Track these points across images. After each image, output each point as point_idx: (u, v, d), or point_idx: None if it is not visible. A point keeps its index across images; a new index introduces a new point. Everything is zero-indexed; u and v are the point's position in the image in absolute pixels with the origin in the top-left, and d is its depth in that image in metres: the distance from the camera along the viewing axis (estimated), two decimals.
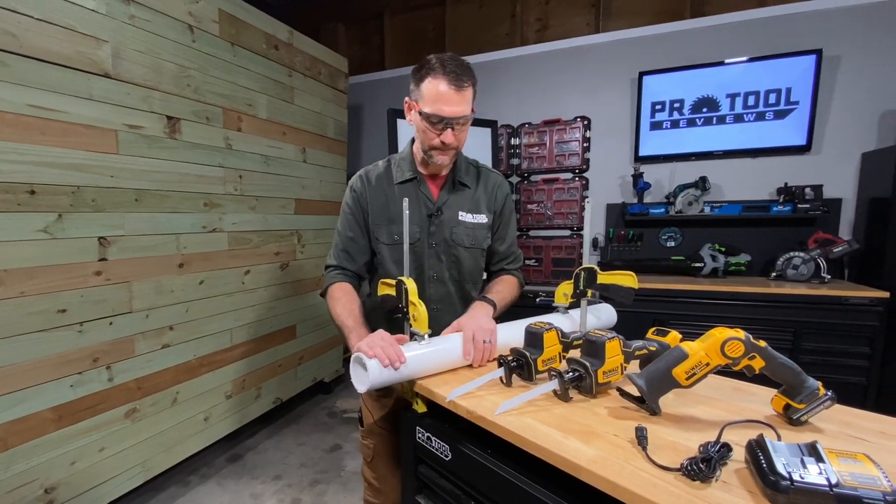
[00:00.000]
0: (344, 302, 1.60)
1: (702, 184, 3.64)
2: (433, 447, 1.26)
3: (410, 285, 1.38)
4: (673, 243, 3.96)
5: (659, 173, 4.00)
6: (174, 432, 2.79)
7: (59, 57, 2.13)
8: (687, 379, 1.06)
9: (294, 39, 3.62)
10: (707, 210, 3.70)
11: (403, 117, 3.60)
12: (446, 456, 1.22)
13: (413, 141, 1.76)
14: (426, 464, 1.34)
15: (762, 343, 1.06)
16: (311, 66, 3.81)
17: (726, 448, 0.88)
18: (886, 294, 2.93)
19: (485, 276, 1.90)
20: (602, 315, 1.73)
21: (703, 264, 3.55)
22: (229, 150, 3.06)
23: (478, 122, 4.12)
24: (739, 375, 1.14)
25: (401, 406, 1.74)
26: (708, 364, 1.05)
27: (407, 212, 1.42)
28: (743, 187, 3.79)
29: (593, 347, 1.19)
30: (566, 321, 1.60)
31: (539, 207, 4.46)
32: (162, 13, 2.60)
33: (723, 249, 3.59)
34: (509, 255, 1.88)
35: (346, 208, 1.75)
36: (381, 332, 1.34)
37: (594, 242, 4.23)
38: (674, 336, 1.27)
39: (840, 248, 3.29)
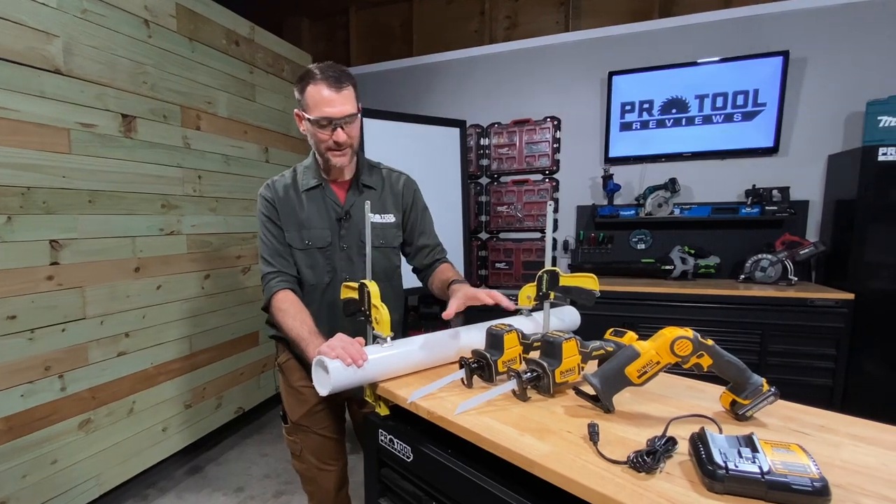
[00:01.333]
0: (293, 313, 1.65)
1: (671, 185, 3.77)
2: (395, 449, 1.33)
3: (373, 288, 1.45)
4: (643, 245, 4.09)
5: (629, 175, 4.12)
6: (131, 444, 2.80)
7: (7, 52, 2.15)
8: (639, 377, 1.14)
9: (255, 35, 3.66)
10: (677, 212, 3.83)
11: (370, 116, 3.66)
12: (408, 457, 1.29)
13: None
14: (389, 466, 1.41)
15: (709, 342, 1.14)
16: (273, 63, 3.85)
17: (671, 442, 0.96)
18: (851, 295, 3.08)
19: (417, 274, 2.05)
20: (565, 317, 1.81)
21: (672, 267, 3.68)
22: (188, 149, 3.08)
23: (446, 122, 4.20)
24: (695, 375, 1.23)
25: (323, 405, 1.87)
26: (658, 362, 1.14)
27: (370, 214, 1.49)
28: (712, 189, 3.93)
29: (551, 348, 1.27)
30: (529, 323, 1.68)
31: (509, 209, 4.56)
32: (116, 7, 2.62)
33: (692, 252, 3.73)
34: (437, 246, 2.00)
35: (262, 217, 1.81)
36: (339, 335, 1.41)
37: (565, 245, 4.34)
38: (630, 336, 1.36)
39: (807, 251, 3.43)
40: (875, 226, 3.14)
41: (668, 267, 3.70)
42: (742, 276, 3.59)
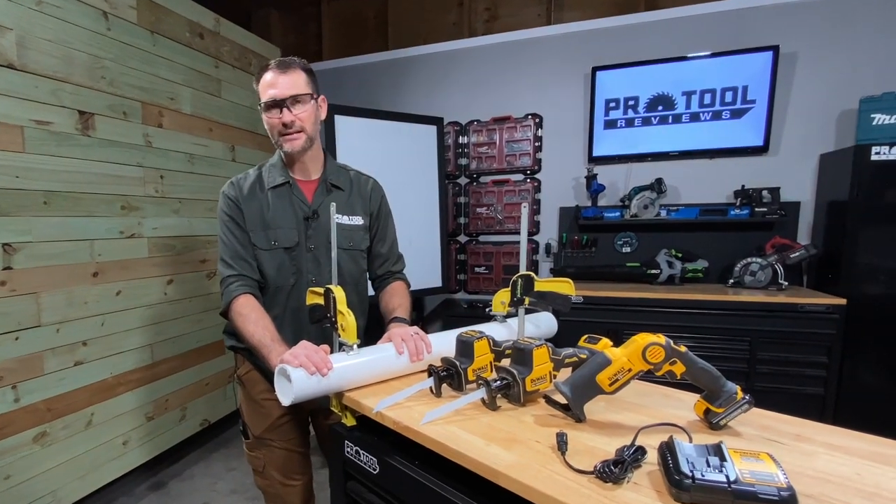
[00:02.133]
0: (255, 318, 1.66)
1: (657, 186, 3.80)
2: (361, 461, 1.35)
3: (339, 294, 1.47)
4: (629, 249, 4.13)
5: (614, 175, 4.15)
6: (89, 458, 2.79)
7: None
8: (610, 385, 1.17)
9: (221, 27, 3.67)
10: (663, 214, 3.87)
11: (343, 112, 3.66)
12: (374, 469, 1.32)
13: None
14: (355, 479, 1.43)
15: (682, 348, 1.18)
16: (240, 57, 3.86)
17: (640, 451, 0.99)
18: (843, 301, 3.12)
19: (370, 282, 2.10)
20: (541, 324, 1.84)
21: (659, 271, 3.74)
22: (149, 147, 3.09)
23: (422, 120, 4.21)
24: (672, 383, 1.26)
25: (287, 418, 1.89)
26: (630, 370, 1.17)
27: (336, 215, 1.52)
28: (700, 190, 3.97)
29: (521, 355, 1.30)
30: (504, 330, 1.71)
31: (489, 211, 4.58)
32: None
33: (679, 255, 3.78)
34: (392, 256, 2.05)
35: (224, 216, 1.82)
36: (303, 342, 1.43)
37: (547, 248, 4.37)
38: (604, 343, 1.39)
39: (797, 254, 3.47)
40: (868, 228, 3.17)
41: (654, 271, 3.76)
42: (731, 281, 3.63)
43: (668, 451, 0.96)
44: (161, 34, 3.14)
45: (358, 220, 1.92)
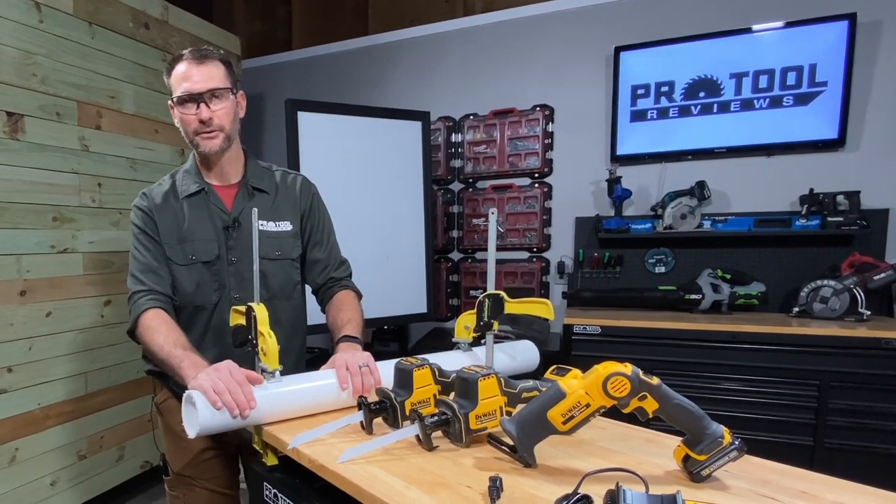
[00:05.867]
0: (164, 331, 1.73)
1: (699, 191, 3.74)
2: None
3: (260, 313, 1.52)
4: (662, 268, 4.05)
5: (643, 177, 4.09)
6: (11, 500, 2.84)
7: None
8: (564, 423, 1.17)
9: (170, 15, 3.77)
10: (707, 225, 3.79)
11: (307, 109, 3.74)
12: None
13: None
14: None
15: (654, 380, 1.18)
16: (191, 48, 3.91)
17: (585, 501, 0.99)
18: None
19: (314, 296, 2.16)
20: (518, 354, 1.84)
21: (700, 296, 3.64)
22: (86, 152, 3.18)
23: (404, 115, 4.23)
24: (659, 425, 1.26)
25: (211, 453, 1.94)
26: (588, 405, 1.17)
27: (258, 222, 1.57)
28: (754, 195, 3.87)
29: (465, 387, 1.32)
30: (468, 361, 1.72)
31: (488, 223, 4.44)
32: None
33: (728, 277, 3.68)
34: (333, 261, 2.11)
35: (135, 229, 1.92)
36: (228, 363, 1.48)
37: (560, 267, 4.31)
38: (573, 375, 1.37)
39: (883, 276, 3.31)
40: None
41: (694, 296, 3.65)
42: (796, 310, 3.49)
43: (611, 502, 0.97)
44: (101, 25, 3.25)
45: (286, 226, 1.99)
